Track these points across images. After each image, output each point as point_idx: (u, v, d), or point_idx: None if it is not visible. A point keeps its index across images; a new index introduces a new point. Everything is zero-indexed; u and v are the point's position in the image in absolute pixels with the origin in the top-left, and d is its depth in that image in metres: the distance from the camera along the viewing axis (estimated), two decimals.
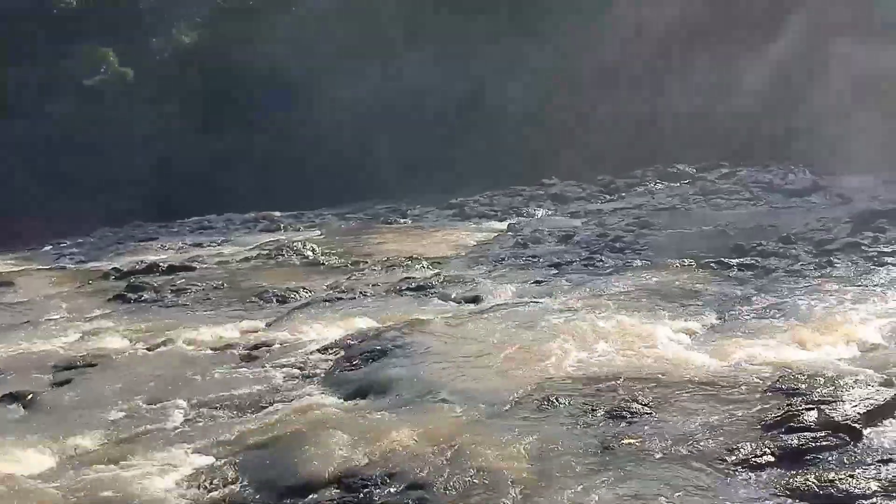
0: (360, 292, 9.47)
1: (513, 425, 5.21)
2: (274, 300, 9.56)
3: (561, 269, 10.23)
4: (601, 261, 10.39)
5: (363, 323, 8.10)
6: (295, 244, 13.38)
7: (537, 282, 9.52)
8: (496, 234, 13.95)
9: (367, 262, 11.72)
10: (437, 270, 10.69)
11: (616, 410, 5.27)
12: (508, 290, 9.23)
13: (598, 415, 5.26)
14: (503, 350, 6.70)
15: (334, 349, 7.27)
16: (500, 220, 16.02)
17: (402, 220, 17.41)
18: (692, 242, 11.27)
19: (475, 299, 8.90)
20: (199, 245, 15.51)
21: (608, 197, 18.10)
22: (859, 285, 8.08)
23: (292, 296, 9.69)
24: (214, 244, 15.63)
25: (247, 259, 12.91)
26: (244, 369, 6.93)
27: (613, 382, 5.78)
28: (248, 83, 26.49)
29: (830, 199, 15.38)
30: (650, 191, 18.28)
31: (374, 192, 21.67)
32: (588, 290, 8.83)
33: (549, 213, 16.76)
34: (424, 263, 11.21)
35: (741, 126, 20.06)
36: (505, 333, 7.17)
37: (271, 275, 11.29)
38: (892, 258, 8.88)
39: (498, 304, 8.49)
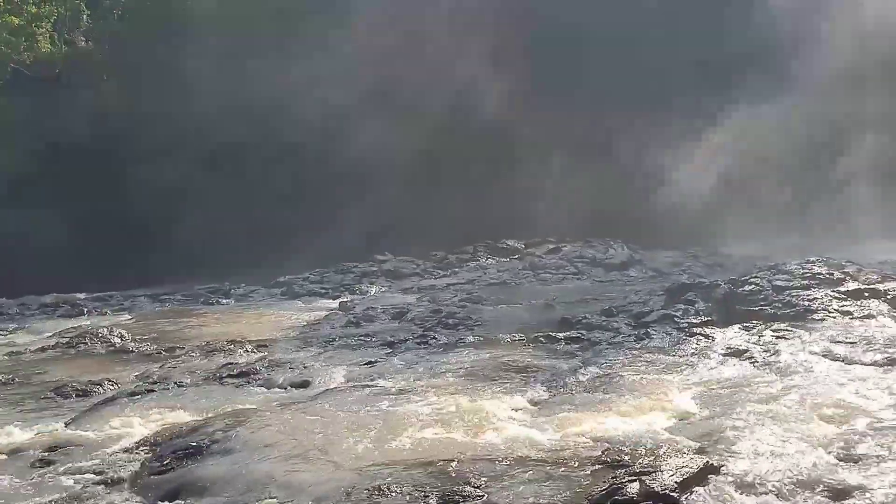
0: (175, 382, 8.76)
1: None
2: (74, 395, 8.66)
3: (394, 347, 10.07)
4: (434, 338, 10.35)
5: (177, 416, 7.43)
6: (100, 330, 12.19)
7: (370, 362, 9.27)
8: (327, 313, 13.59)
9: (183, 348, 10.94)
10: (262, 354, 10.16)
11: (449, 495, 5.14)
12: (339, 372, 8.89)
13: (431, 502, 5.09)
14: (334, 438, 6.34)
15: (143, 448, 6.61)
16: (332, 298, 15.69)
17: (224, 301, 16.54)
18: (522, 317, 11.55)
19: (304, 384, 8.50)
20: None
21: (441, 272, 18.32)
22: (673, 355, 8.55)
23: (95, 389, 8.82)
24: (5, 332, 13.95)
25: (43, 349, 11.65)
26: (37, 476, 6.19)
27: (447, 465, 5.63)
28: (48, 154, 24.33)
29: (645, 272, 16.53)
30: (482, 266, 18.73)
31: (194, 270, 20.35)
32: (422, 369, 8.69)
33: (383, 289, 16.64)
34: (248, 347, 10.64)
35: (566, 203, 21.12)
36: (335, 420, 6.81)
37: (72, 366, 10.27)
38: (700, 328, 9.51)
39: (328, 389, 8.12)
